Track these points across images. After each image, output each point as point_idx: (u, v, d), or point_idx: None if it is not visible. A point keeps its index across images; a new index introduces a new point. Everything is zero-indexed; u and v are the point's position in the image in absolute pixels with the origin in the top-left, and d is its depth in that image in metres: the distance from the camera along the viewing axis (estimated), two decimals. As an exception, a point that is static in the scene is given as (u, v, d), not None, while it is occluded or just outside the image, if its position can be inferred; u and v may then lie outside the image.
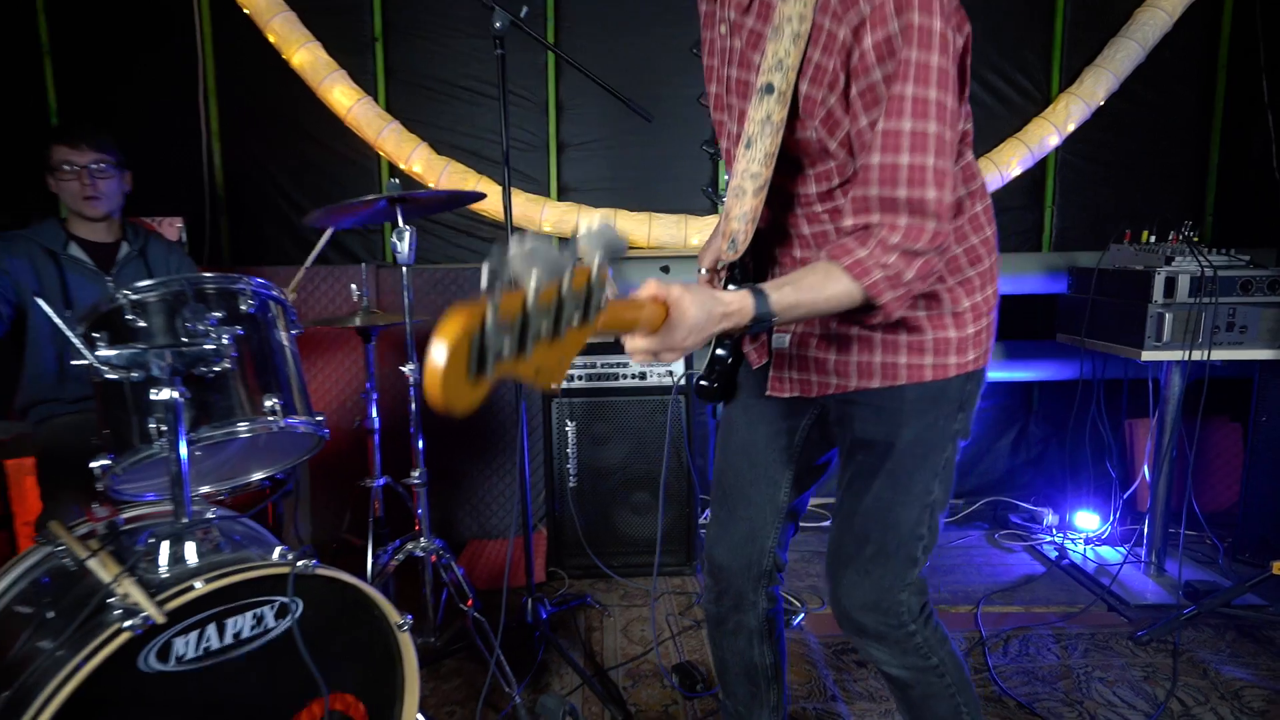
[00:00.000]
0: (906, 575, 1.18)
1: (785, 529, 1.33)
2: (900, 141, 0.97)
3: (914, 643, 1.21)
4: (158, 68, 2.95)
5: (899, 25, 0.96)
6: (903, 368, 1.15)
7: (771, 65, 1.06)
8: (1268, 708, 1.88)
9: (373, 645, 1.37)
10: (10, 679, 1.12)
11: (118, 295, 1.32)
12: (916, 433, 1.16)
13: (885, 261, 0.99)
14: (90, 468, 1.37)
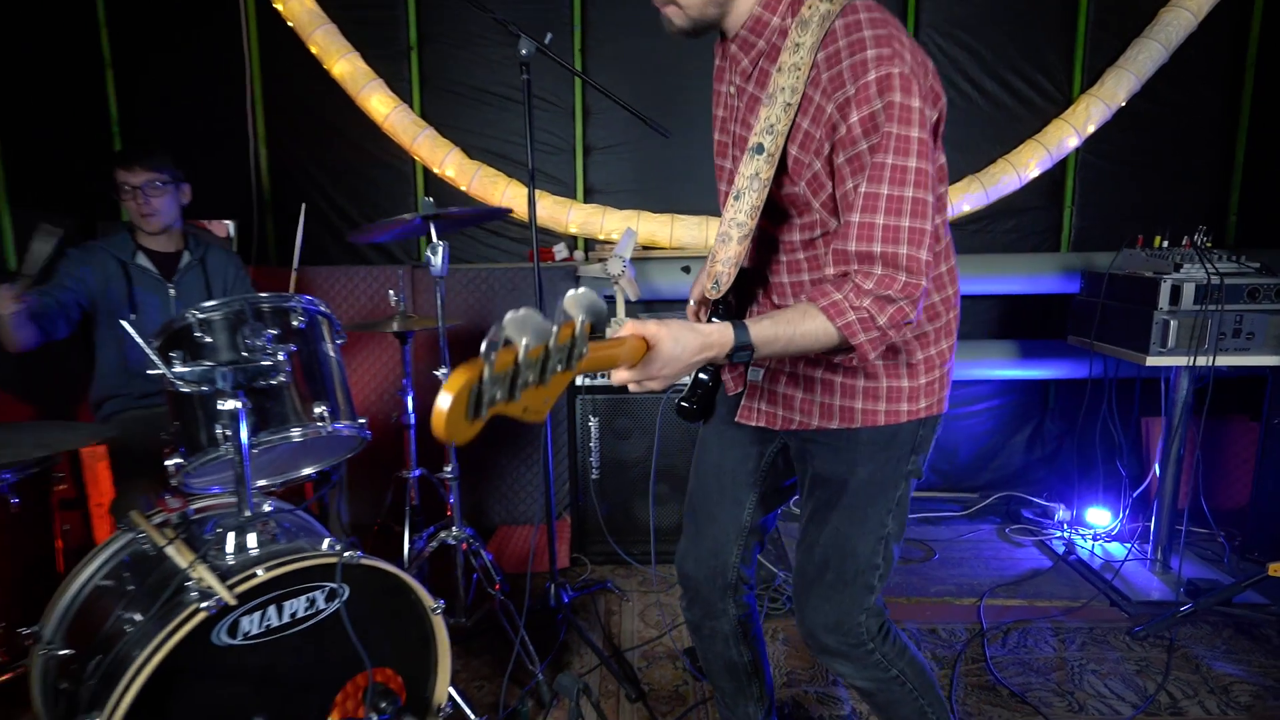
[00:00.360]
0: (864, 600, 1.30)
1: (750, 546, 1.46)
2: (879, 203, 1.09)
3: (873, 659, 1.33)
4: (208, 78, 3.14)
5: (882, 104, 1.07)
6: (858, 412, 1.26)
7: (763, 128, 1.17)
8: (1253, 702, 1.97)
9: (409, 626, 1.55)
10: (107, 648, 1.31)
11: (187, 314, 1.50)
12: (870, 472, 1.28)
13: (858, 304, 1.09)
14: (165, 465, 1.55)
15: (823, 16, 1.12)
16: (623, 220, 3.10)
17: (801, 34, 1.13)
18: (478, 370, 0.72)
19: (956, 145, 3.14)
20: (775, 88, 1.15)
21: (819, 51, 1.12)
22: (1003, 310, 3.29)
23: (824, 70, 1.11)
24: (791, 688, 2.04)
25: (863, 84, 1.07)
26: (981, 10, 3.07)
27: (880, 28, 1.10)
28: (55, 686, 1.46)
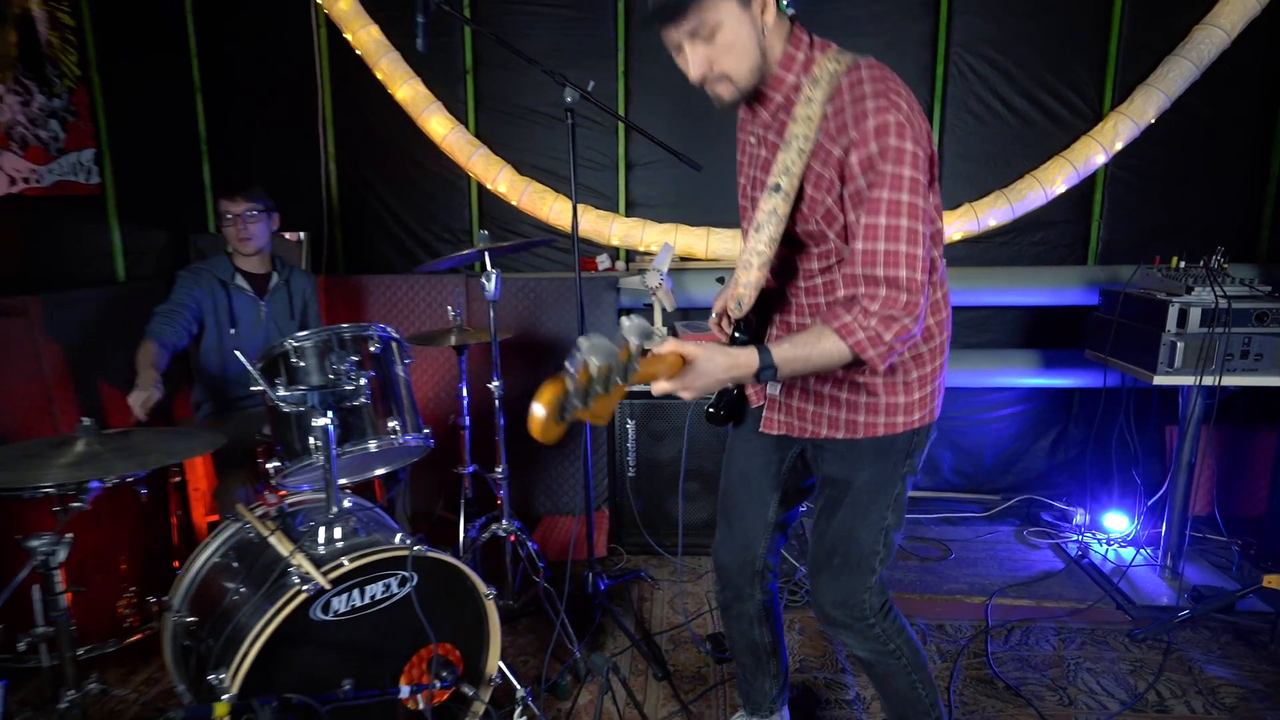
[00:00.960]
0: (867, 581, 1.53)
1: (775, 538, 1.70)
2: (878, 232, 1.29)
3: (874, 632, 1.56)
4: (285, 101, 3.46)
5: (878, 146, 1.27)
6: (860, 424, 1.48)
7: (780, 170, 1.38)
8: (1238, 704, 2.12)
9: (466, 607, 1.83)
10: (226, 621, 1.63)
11: (285, 342, 1.80)
12: (871, 475, 1.50)
13: (866, 324, 1.30)
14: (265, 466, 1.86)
15: (831, 75, 1.33)
16: (661, 233, 3.32)
17: (813, 89, 1.33)
18: (563, 385, 1.00)
19: (985, 161, 3.28)
20: (790, 135, 1.35)
21: (828, 104, 1.32)
22: (1029, 320, 3.41)
23: (832, 120, 1.32)
24: (803, 673, 2.27)
25: (863, 129, 1.27)
26: (1012, 30, 3.17)
27: (879, 82, 1.30)
28: (181, 644, 1.79)
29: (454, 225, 3.56)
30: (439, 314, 3.30)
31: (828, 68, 1.33)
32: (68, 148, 2.80)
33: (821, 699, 2.16)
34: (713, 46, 1.31)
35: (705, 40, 1.31)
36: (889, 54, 3.21)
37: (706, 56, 1.33)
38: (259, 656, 1.50)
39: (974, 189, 3.27)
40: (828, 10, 3.20)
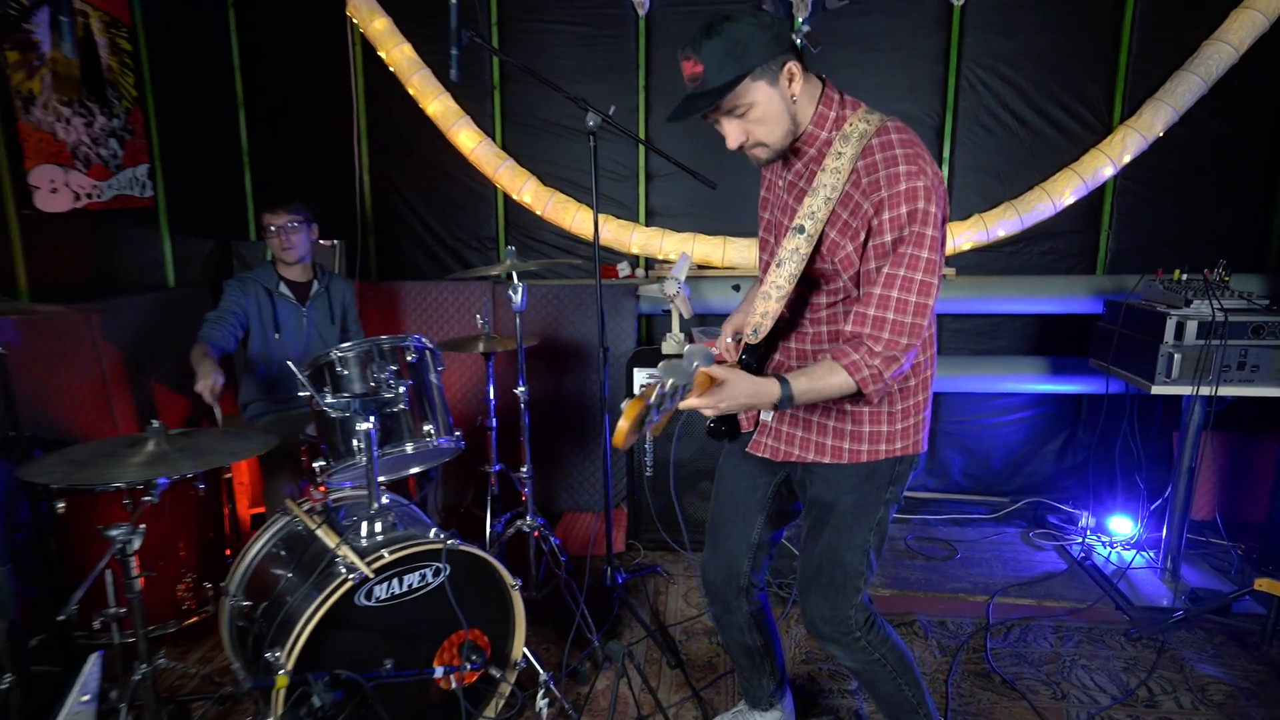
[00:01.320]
0: (852, 598, 1.66)
1: (759, 558, 1.82)
2: (896, 283, 1.43)
3: (859, 645, 1.69)
4: (322, 115, 3.65)
5: (908, 209, 1.40)
6: (845, 451, 1.61)
7: (806, 214, 1.51)
8: (1225, 701, 2.23)
9: (494, 597, 2.00)
10: (279, 606, 1.81)
11: (330, 352, 1.97)
12: (854, 500, 1.62)
13: (871, 363, 1.44)
14: (312, 465, 2.04)
15: (861, 134, 1.45)
16: (680, 242, 3.46)
17: (844, 145, 1.46)
18: (645, 402, 1.17)
19: (995, 173, 3.38)
20: (818, 184, 1.48)
21: (859, 160, 1.45)
22: (1037, 328, 3.51)
23: (863, 175, 1.44)
24: (808, 665, 2.42)
25: (895, 191, 1.40)
26: (1022, 45, 3.27)
27: (909, 146, 1.43)
28: (236, 626, 1.98)
29: (481, 233, 3.73)
30: (468, 320, 3.48)
31: (859, 126, 1.46)
32: (125, 164, 3.00)
33: (825, 689, 2.30)
34: (748, 121, 1.45)
35: (740, 117, 1.45)
36: (903, 68, 3.34)
37: (743, 129, 1.47)
38: (310, 637, 1.67)
39: (984, 200, 3.37)
40: (844, 26, 3.31)
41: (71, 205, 2.78)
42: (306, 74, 3.64)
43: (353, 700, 1.67)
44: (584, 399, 3.50)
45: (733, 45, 1.39)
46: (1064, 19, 3.24)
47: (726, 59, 1.39)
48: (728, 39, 1.39)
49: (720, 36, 1.39)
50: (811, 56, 3.14)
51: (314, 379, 1.96)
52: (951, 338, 3.59)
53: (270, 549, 2.01)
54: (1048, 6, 3.24)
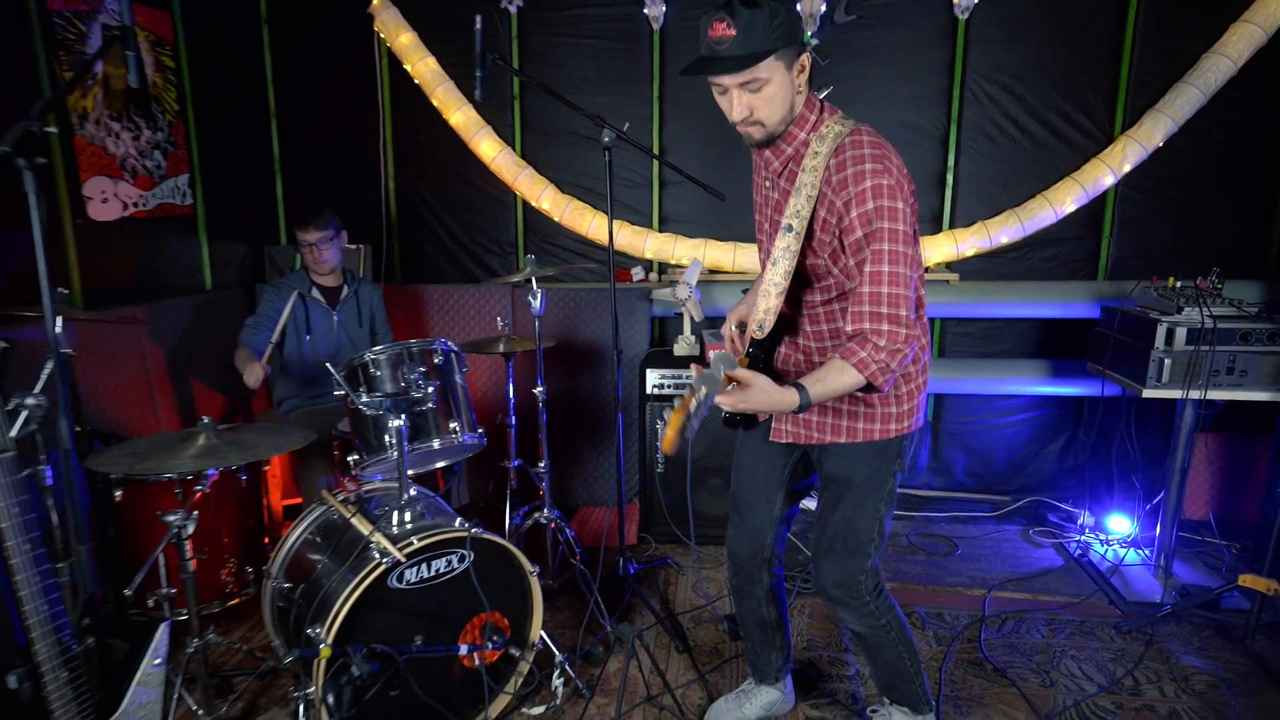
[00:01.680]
0: (863, 565, 1.81)
1: (779, 530, 1.98)
2: (880, 278, 1.57)
3: (869, 609, 1.84)
4: (349, 125, 3.84)
5: (873, 205, 1.54)
6: (860, 430, 1.76)
7: (792, 212, 1.66)
8: (1206, 690, 2.35)
9: (513, 582, 2.16)
10: (318, 587, 1.98)
11: (365, 355, 2.14)
12: (868, 473, 1.78)
13: (877, 358, 1.58)
14: (347, 459, 2.21)
15: (835, 134, 1.60)
16: (692, 248, 3.61)
17: (819, 145, 1.61)
18: (686, 410, 1.34)
19: (998, 181, 3.49)
20: (800, 183, 1.63)
21: (831, 159, 1.59)
22: (1039, 332, 3.62)
23: (834, 173, 1.59)
24: (810, 651, 2.56)
25: (861, 189, 1.54)
26: (1025, 57, 3.38)
27: (876, 148, 1.58)
28: (277, 606, 2.16)
29: (501, 238, 3.90)
30: (488, 322, 3.64)
31: (834, 128, 1.61)
32: (168, 174, 3.20)
33: (825, 673, 2.44)
34: (757, 97, 1.56)
35: (753, 91, 1.56)
36: (908, 80, 3.46)
37: (750, 104, 1.58)
38: (347, 616, 1.84)
39: (987, 207, 3.49)
40: (851, 39, 3.43)
41: (120, 214, 2.97)
42: (335, 86, 3.82)
43: (386, 672, 1.84)
44: (599, 398, 3.65)
45: (770, 19, 1.46)
46: (1066, 32, 3.35)
47: (762, 31, 1.46)
48: (768, 12, 1.46)
49: (760, 8, 1.46)
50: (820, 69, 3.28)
51: (349, 379, 2.13)
52: (955, 341, 3.71)
53: (308, 536, 2.19)
54: (1051, 20, 3.35)
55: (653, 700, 2.28)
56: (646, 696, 2.29)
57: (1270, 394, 2.63)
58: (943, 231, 3.51)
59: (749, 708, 2.15)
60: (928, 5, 3.38)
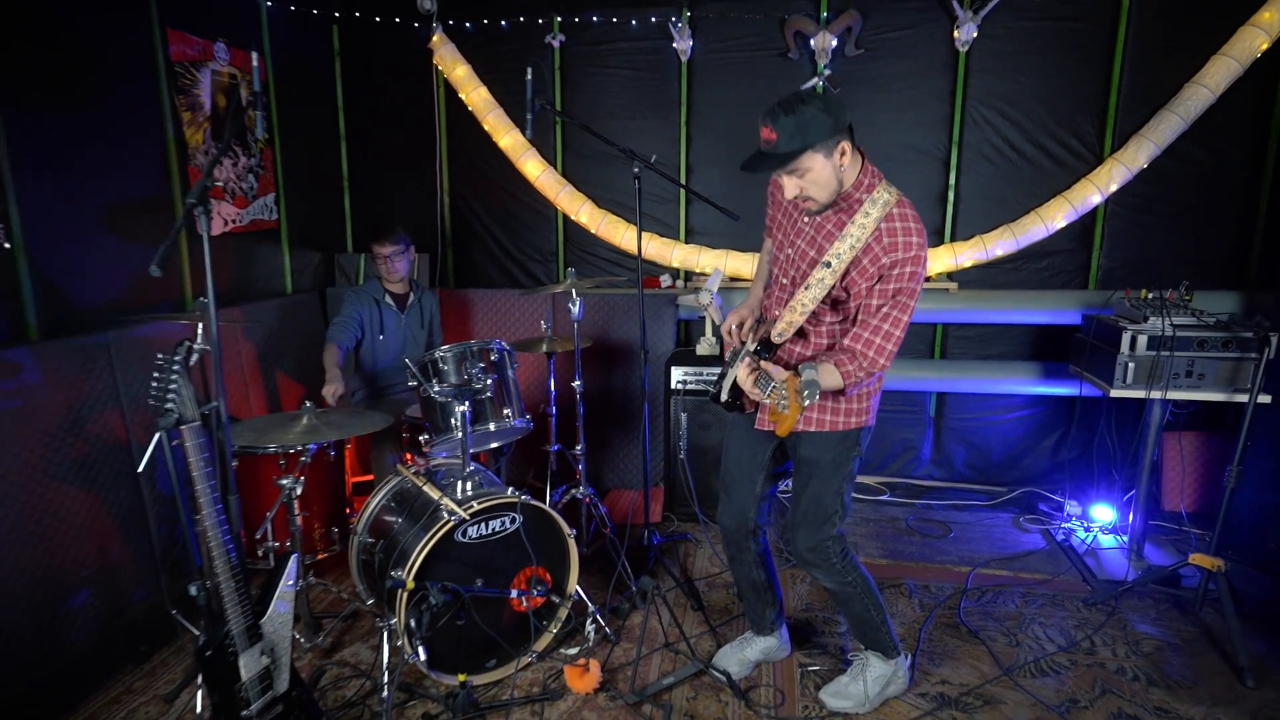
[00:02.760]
0: (830, 533, 2.24)
1: (761, 506, 2.41)
2: (891, 322, 2.01)
3: (836, 569, 2.27)
4: (410, 147, 4.36)
5: (909, 270, 1.98)
6: (826, 421, 2.19)
7: (834, 253, 2.05)
8: (1154, 652, 2.72)
9: (554, 542, 2.63)
10: (396, 542, 2.48)
11: (435, 352, 2.63)
12: (832, 456, 2.21)
13: (857, 374, 2.03)
14: (419, 439, 2.71)
15: (885, 203, 2.01)
16: (715, 258, 4.05)
17: (871, 208, 2.01)
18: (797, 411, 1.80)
19: (995, 199, 3.87)
20: (847, 233, 2.03)
21: (883, 223, 2.00)
22: (1034, 336, 3.98)
23: (885, 235, 2.00)
24: (808, 612, 2.99)
25: (907, 255, 1.98)
26: (1021, 86, 3.74)
27: (917, 223, 2.01)
28: (361, 559, 2.67)
29: (543, 248, 4.39)
30: (532, 324, 4.13)
31: (883, 195, 2.02)
32: (258, 194, 3.75)
33: (819, 631, 2.87)
34: (804, 180, 1.99)
35: (799, 177, 1.99)
36: (913, 106, 3.85)
37: (799, 185, 2.01)
38: (422, 562, 2.33)
39: (985, 223, 3.86)
40: (861, 70, 3.84)
41: (221, 230, 3.52)
42: (397, 112, 4.35)
43: (454, 606, 2.33)
44: (629, 392, 4.12)
45: (802, 123, 1.88)
46: (1060, 63, 3.70)
47: (796, 134, 1.89)
48: (799, 118, 1.88)
49: (793, 115, 1.87)
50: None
51: (422, 372, 2.62)
52: (956, 344, 4.09)
53: (386, 501, 2.70)
54: (1046, 52, 3.71)
55: (670, 646, 2.74)
56: (664, 643, 2.75)
57: (1225, 395, 2.98)
58: (943, 245, 3.90)
59: (749, 652, 2.60)
60: (931, 39, 3.77)
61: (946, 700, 2.47)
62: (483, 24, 4.14)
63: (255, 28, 3.72)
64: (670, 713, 2.36)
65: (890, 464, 4.26)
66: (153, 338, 3.00)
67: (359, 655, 2.69)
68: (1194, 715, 2.39)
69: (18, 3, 2.56)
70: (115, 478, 2.82)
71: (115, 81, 2.95)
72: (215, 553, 1.77)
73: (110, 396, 2.81)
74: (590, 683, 2.46)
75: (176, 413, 1.73)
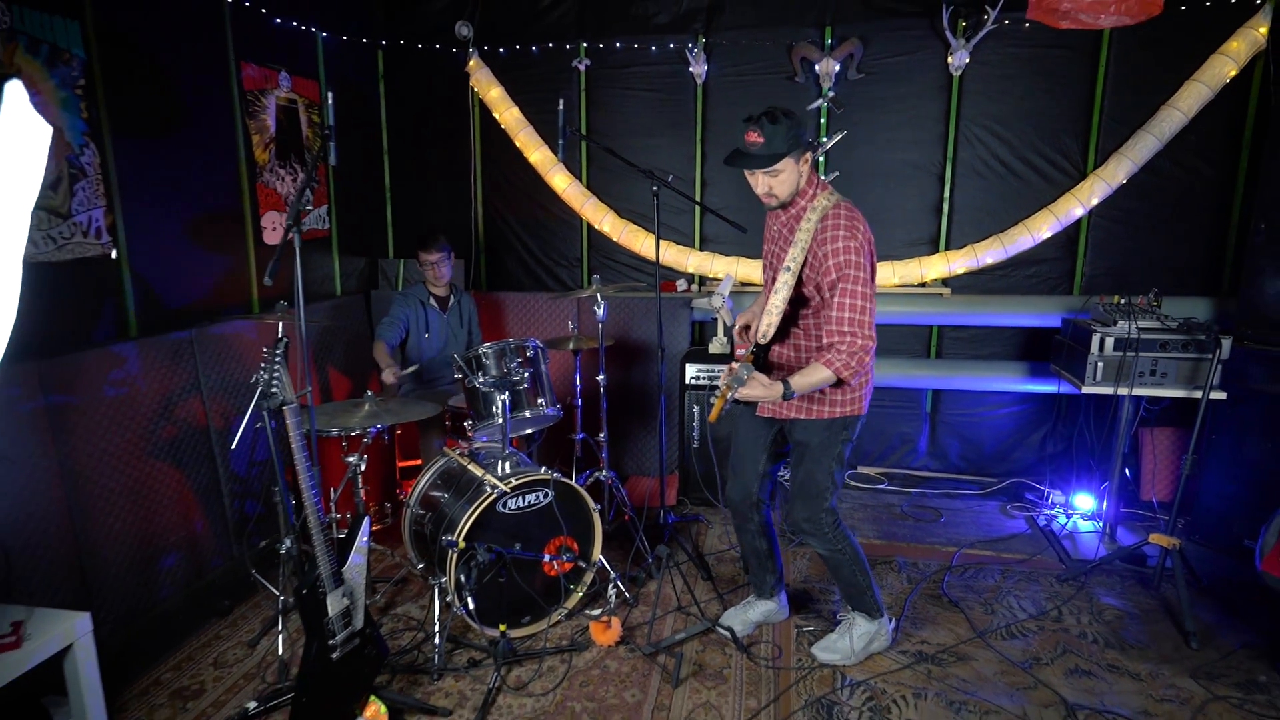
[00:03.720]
0: (823, 506, 2.62)
1: (764, 483, 2.80)
2: (844, 306, 2.38)
3: (828, 538, 2.66)
4: (447, 162, 4.80)
5: (844, 259, 2.37)
6: (815, 410, 2.58)
7: (791, 257, 2.47)
8: (1114, 620, 3.07)
9: (580, 515, 3.03)
10: (445, 514, 2.90)
11: (480, 349, 3.05)
12: (821, 440, 2.59)
13: (846, 361, 2.40)
14: (463, 425, 3.13)
15: (823, 208, 2.42)
16: (727, 264, 4.44)
17: (812, 214, 2.43)
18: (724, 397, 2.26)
19: (986, 211, 4.22)
20: (797, 239, 2.45)
21: (820, 223, 2.41)
22: (1023, 338, 4.33)
23: (819, 233, 2.41)
24: (806, 584, 3.37)
25: (836, 246, 2.37)
26: (1010, 107, 4.10)
27: (849, 221, 2.39)
28: (413, 529, 3.09)
29: (569, 254, 4.80)
30: (560, 324, 4.55)
31: (823, 202, 2.43)
32: (313, 206, 4.19)
33: (815, 599, 3.25)
34: (774, 180, 2.43)
35: (771, 176, 2.42)
36: (911, 126, 4.22)
37: (769, 183, 2.44)
38: (469, 529, 2.75)
39: (977, 233, 4.22)
40: (862, 92, 4.21)
41: (284, 239, 3.96)
42: (435, 129, 4.78)
43: (496, 565, 2.74)
44: (647, 387, 4.52)
45: (786, 133, 2.33)
46: (1046, 86, 4.05)
47: (780, 141, 2.33)
48: (784, 128, 2.33)
49: (779, 125, 2.32)
50: (837, 116, 4.07)
51: (467, 365, 3.04)
52: (950, 344, 4.45)
53: (434, 479, 3.12)
54: (1034, 76, 4.06)
55: (682, 609, 3.14)
56: (677, 606, 3.15)
57: (1185, 391, 3.33)
58: (938, 253, 4.26)
59: (751, 613, 2.99)
60: (926, 65, 4.14)
61: (924, 656, 2.84)
62: (515, 49, 4.56)
63: (313, 57, 4.17)
64: (681, 661, 2.76)
65: (889, 456, 4.62)
66: (227, 335, 3.45)
67: (409, 613, 3.12)
68: (1141, 671, 2.75)
69: (124, 48, 3.01)
70: (197, 457, 3.27)
71: (198, 110, 3.40)
72: (309, 511, 2.19)
73: (193, 386, 3.27)
74: (612, 636, 2.87)
75: (280, 396, 2.16)
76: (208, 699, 2.61)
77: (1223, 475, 3.57)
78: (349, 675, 2.31)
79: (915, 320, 4.35)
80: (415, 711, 2.52)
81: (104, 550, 2.81)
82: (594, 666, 2.79)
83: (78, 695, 2.20)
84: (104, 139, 2.93)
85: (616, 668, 2.78)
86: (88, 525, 2.75)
